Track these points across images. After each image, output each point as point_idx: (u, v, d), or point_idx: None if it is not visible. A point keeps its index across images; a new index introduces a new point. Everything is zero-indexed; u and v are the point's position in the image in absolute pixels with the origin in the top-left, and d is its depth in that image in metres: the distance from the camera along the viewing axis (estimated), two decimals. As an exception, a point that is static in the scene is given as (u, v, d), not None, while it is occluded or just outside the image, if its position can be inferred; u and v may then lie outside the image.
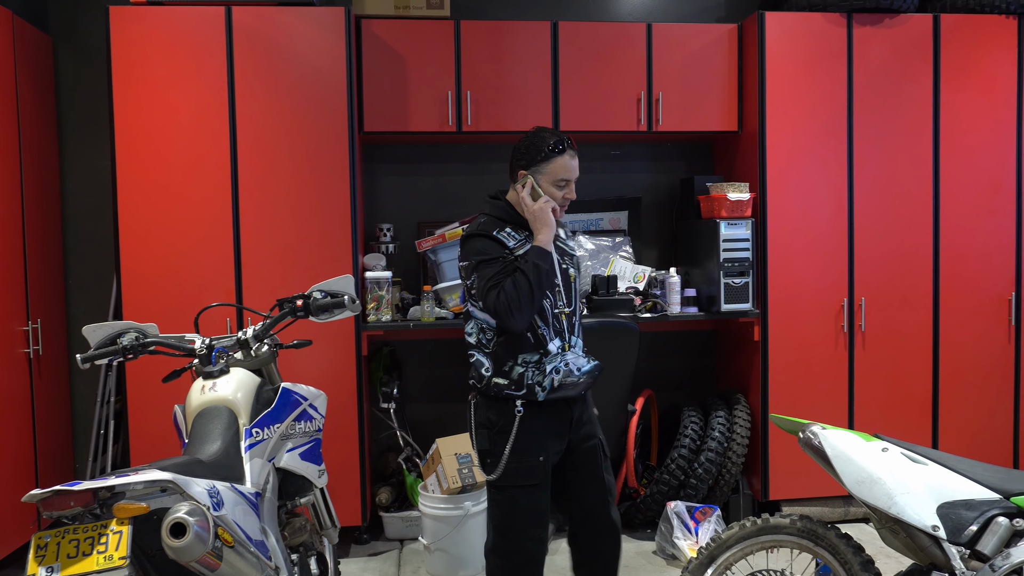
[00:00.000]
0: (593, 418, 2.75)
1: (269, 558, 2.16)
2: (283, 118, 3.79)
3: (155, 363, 2.80)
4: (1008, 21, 4.21)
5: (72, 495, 1.79)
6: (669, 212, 4.68)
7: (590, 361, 2.67)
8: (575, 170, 2.62)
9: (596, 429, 2.74)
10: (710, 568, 2.46)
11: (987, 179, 4.23)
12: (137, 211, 3.73)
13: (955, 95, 4.19)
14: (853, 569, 2.35)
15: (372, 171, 4.52)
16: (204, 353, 2.50)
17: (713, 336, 4.76)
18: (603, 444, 2.74)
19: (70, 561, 1.75)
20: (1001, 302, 4.27)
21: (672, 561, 3.81)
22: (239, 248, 3.79)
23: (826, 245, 4.13)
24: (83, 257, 4.37)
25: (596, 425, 2.75)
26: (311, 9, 3.80)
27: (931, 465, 2.29)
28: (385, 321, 4.03)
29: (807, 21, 4.10)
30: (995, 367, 4.28)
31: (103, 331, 2.55)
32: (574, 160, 2.61)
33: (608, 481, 2.73)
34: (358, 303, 2.68)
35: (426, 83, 4.07)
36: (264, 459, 2.38)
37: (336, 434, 3.74)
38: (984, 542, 2.18)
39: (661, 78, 4.20)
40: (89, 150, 4.35)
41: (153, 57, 3.71)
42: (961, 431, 4.24)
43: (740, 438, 4.12)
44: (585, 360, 2.65)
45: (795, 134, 4.10)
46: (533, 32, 4.14)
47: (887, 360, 4.19)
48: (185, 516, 1.78)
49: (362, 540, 4.08)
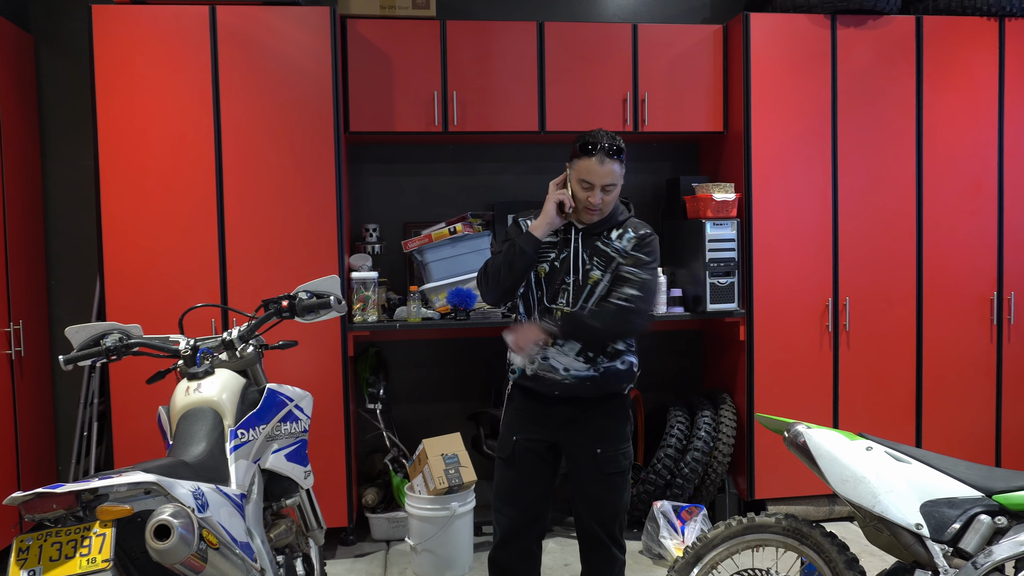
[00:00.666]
0: (598, 430, 2.68)
1: (255, 560, 2.15)
2: (268, 118, 3.77)
3: (139, 364, 2.78)
4: (989, 23, 4.24)
5: (55, 498, 1.77)
6: (655, 212, 4.69)
7: (592, 369, 2.64)
8: (602, 176, 2.57)
9: (598, 442, 2.67)
10: (696, 567, 2.46)
11: (969, 179, 4.27)
12: (121, 211, 3.70)
13: (938, 96, 4.22)
14: (838, 567, 2.36)
15: (358, 171, 4.51)
16: (189, 354, 2.48)
17: (699, 336, 4.78)
18: (604, 457, 2.67)
19: (52, 564, 1.74)
20: (983, 301, 4.31)
21: (658, 560, 3.82)
22: (224, 248, 3.77)
23: (811, 245, 4.16)
24: (66, 258, 4.34)
25: (602, 439, 2.67)
26: (296, 9, 3.79)
27: (914, 464, 2.30)
28: (371, 322, 4.02)
29: (791, 22, 4.12)
30: (977, 366, 4.32)
31: (86, 332, 2.53)
32: (603, 166, 2.57)
33: (596, 494, 2.69)
34: (344, 303, 2.67)
35: (412, 83, 4.07)
36: (249, 460, 2.37)
37: (322, 435, 3.72)
38: (967, 540, 2.20)
39: (647, 79, 4.21)
40: (72, 150, 4.31)
41: (137, 56, 3.69)
42: (944, 430, 4.28)
43: (726, 438, 4.14)
44: (582, 364, 2.64)
45: (780, 134, 4.12)
46: (519, 32, 4.14)
47: (871, 359, 4.22)
48: (169, 518, 1.77)
49: (348, 541, 4.06)
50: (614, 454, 2.69)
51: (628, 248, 2.67)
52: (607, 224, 2.69)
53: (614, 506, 2.72)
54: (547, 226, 2.64)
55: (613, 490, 2.70)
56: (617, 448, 2.70)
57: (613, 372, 2.66)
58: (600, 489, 2.70)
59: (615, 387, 2.69)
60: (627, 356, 2.70)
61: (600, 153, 2.57)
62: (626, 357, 2.69)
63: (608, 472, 2.68)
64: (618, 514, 2.74)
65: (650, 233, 2.71)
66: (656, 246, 2.71)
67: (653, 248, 2.70)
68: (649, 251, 2.68)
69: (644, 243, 2.68)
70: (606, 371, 2.65)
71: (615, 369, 2.67)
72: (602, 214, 2.66)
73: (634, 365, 2.73)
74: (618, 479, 2.71)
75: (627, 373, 2.70)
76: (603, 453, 2.68)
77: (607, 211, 2.67)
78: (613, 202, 2.66)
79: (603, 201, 2.61)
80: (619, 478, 2.71)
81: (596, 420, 2.69)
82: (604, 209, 2.65)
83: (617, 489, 2.71)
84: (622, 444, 2.72)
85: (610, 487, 2.70)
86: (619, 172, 2.61)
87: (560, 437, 2.71)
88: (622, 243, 2.67)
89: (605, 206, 2.63)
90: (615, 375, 2.67)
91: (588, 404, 2.68)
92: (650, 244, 2.69)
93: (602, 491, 2.70)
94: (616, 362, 2.67)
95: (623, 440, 2.72)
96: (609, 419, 2.70)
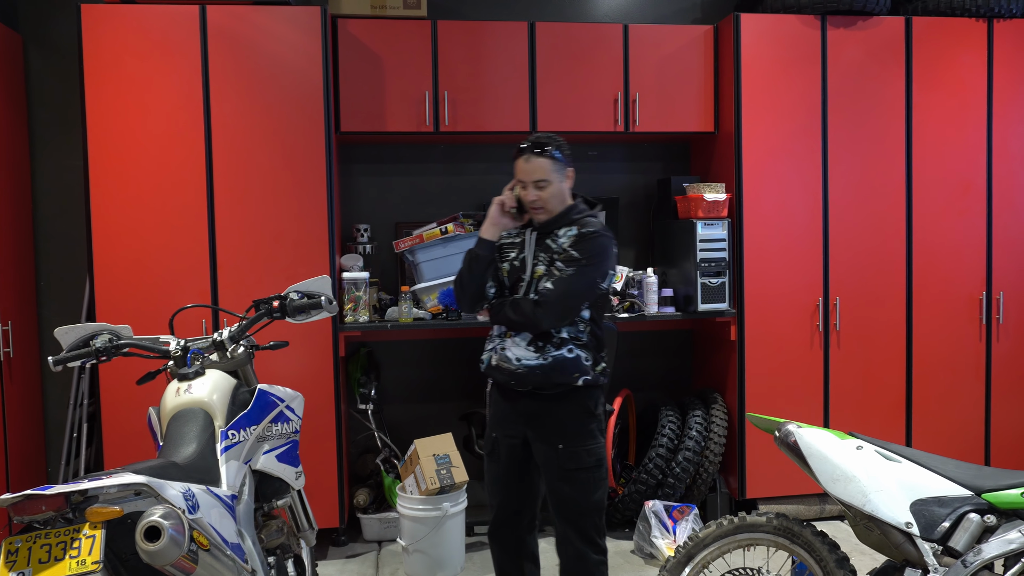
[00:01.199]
0: (559, 426, 2.70)
1: (245, 561, 2.15)
2: (259, 118, 3.76)
3: (129, 365, 2.77)
4: (978, 24, 4.27)
5: (44, 499, 1.76)
6: (646, 212, 4.70)
7: (541, 357, 2.67)
8: (528, 172, 2.71)
9: (560, 438, 2.69)
10: (688, 567, 2.47)
11: (958, 179, 4.29)
12: (110, 211, 3.69)
13: (927, 96, 4.24)
14: (828, 566, 2.37)
15: (349, 171, 4.50)
16: (179, 355, 2.48)
17: (690, 336, 4.79)
18: (565, 453, 2.68)
19: (42, 566, 1.73)
20: (972, 301, 4.33)
21: (650, 560, 3.82)
22: (214, 249, 3.76)
23: (801, 245, 4.17)
24: (55, 258, 4.31)
25: (563, 435, 2.69)
26: (287, 8, 3.78)
27: (904, 463, 2.31)
28: (363, 322, 4.01)
29: (782, 23, 4.13)
30: (967, 365, 4.34)
31: (76, 333, 2.51)
32: (529, 163, 2.70)
33: (559, 491, 2.70)
34: (335, 304, 2.67)
35: (403, 83, 4.06)
36: (240, 461, 2.36)
37: (313, 436, 3.71)
38: (956, 538, 2.21)
39: (638, 79, 4.22)
40: (61, 150, 4.29)
41: (126, 56, 3.67)
42: (934, 429, 4.30)
43: (717, 437, 4.15)
44: (532, 353, 2.68)
45: (770, 135, 4.13)
46: (510, 32, 4.14)
47: (861, 359, 4.23)
48: (160, 519, 1.77)
49: (340, 542, 4.06)
50: (576, 450, 2.69)
51: (566, 245, 2.71)
52: (559, 222, 2.75)
53: (577, 504, 2.71)
54: (492, 227, 2.79)
55: (576, 487, 2.69)
56: (580, 444, 2.69)
57: (561, 360, 2.67)
58: (563, 486, 2.71)
59: (565, 377, 2.67)
60: (573, 346, 2.69)
61: (525, 152, 2.71)
62: (573, 347, 2.68)
63: (569, 468, 2.69)
64: (585, 513, 2.71)
65: (594, 232, 2.70)
66: (598, 247, 2.69)
67: (591, 248, 2.68)
68: (584, 249, 2.67)
69: (582, 241, 2.69)
70: (554, 360, 2.67)
71: (563, 357, 2.67)
72: (549, 212, 2.74)
73: (583, 358, 2.69)
74: (582, 476, 2.69)
75: (575, 363, 2.68)
76: (564, 449, 2.69)
77: (551, 207, 2.73)
78: (554, 198, 2.72)
79: (539, 197, 2.70)
80: (583, 475, 2.69)
81: (557, 415, 2.71)
82: (546, 206, 2.72)
83: (581, 486, 2.70)
84: (587, 441, 2.70)
85: (573, 484, 2.70)
86: (550, 167, 2.69)
87: (528, 432, 2.76)
88: (563, 240, 2.72)
89: (544, 202, 2.71)
90: (563, 364, 2.67)
91: (549, 399, 2.70)
92: (588, 243, 2.68)
93: (565, 488, 2.71)
94: (563, 350, 2.67)
95: (588, 437, 2.71)
96: (570, 414, 2.71)
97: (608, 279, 2.73)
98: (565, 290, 2.64)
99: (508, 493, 2.84)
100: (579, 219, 2.75)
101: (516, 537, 2.87)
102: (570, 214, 2.76)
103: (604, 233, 2.72)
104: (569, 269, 2.66)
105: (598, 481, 2.72)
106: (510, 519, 2.86)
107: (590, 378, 2.71)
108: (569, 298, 2.65)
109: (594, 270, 2.68)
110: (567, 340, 2.69)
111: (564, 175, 2.74)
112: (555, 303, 2.64)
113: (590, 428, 2.73)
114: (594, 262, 2.68)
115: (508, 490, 2.84)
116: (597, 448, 2.73)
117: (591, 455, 2.71)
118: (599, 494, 2.73)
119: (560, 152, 2.72)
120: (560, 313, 2.66)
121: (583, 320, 2.71)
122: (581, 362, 2.69)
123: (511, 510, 2.84)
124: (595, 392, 2.76)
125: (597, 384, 2.74)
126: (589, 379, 2.70)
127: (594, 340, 2.74)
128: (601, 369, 2.76)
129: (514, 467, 2.80)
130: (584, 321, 2.72)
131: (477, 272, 2.77)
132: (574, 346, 2.69)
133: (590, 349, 2.73)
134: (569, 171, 2.76)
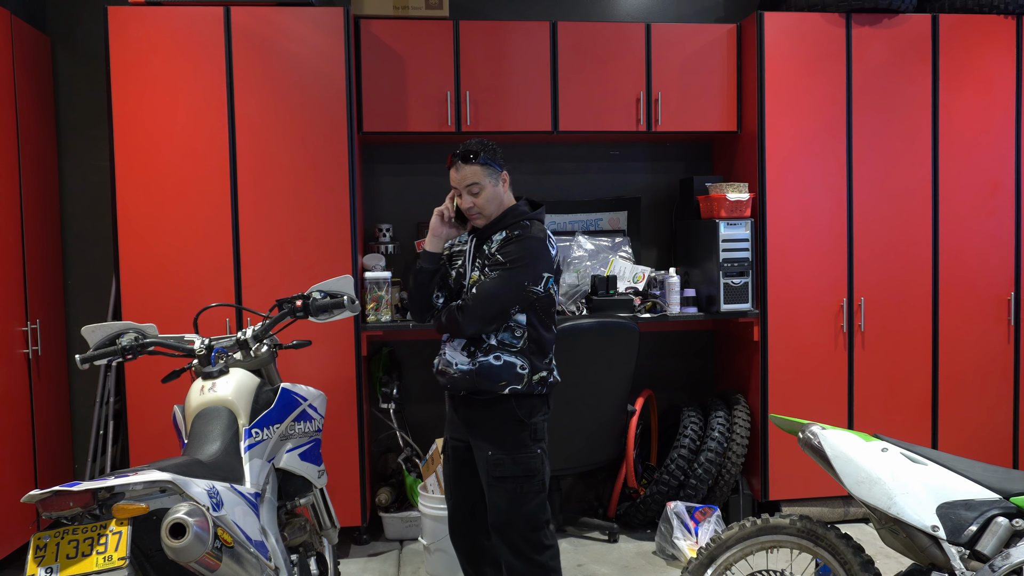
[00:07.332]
0: (490, 433, 2.67)
1: (269, 558, 2.16)
2: (282, 118, 3.79)
3: (154, 363, 2.80)
4: (1007, 21, 4.21)
5: (71, 496, 1.79)
6: (668, 212, 4.68)
7: (471, 363, 2.66)
8: (459, 179, 2.70)
9: (491, 445, 2.66)
10: (710, 568, 2.46)
11: (986, 179, 4.23)
12: (136, 211, 3.72)
13: (954, 95, 4.19)
14: (853, 569, 2.35)
15: (371, 171, 4.52)
16: (203, 353, 2.50)
17: (712, 336, 4.76)
18: (493, 461, 2.65)
19: (69, 562, 1.75)
20: (1000, 302, 4.27)
21: (672, 561, 3.81)
22: (238, 248, 3.78)
23: (825, 245, 4.13)
24: (82, 257, 4.37)
25: (493, 442, 2.66)
26: (310, 9, 3.80)
27: (930, 465, 2.29)
28: (384, 321, 4.02)
29: (806, 21, 4.10)
30: (994, 367, 4.28)
31: (102, 331, 2.55)
32: (459, 171, 2.70)
33: (488, 497, 2.70)
34: (357, 303, 2.68)
35: (425, 83, 4.07)
36: (263, 459, 2.38)
37: (336, 434, 3.73)
38: (984, 542, 2.18)
39: (660, 78, 4.20)
40: (88, 150, 4.34)
41: (152, 57, 3.71)
42: (960, 431, 4.24)
43: (740, 438, 4.12)
44: (465, 358, 2.67)
45: (794, 134, 4.10)
46: (532, 32, 4.13)
47: (887, 360, 4.19)
48: (185, 516, 1.78)
49: (362, 540, 4.07)
50: (502, 459, 2.65)
51: (493, 249, 2.70)
52: (497, 227, 2.73)
53: (502, 513, 2.66)
54: (434, 238, 2.77)
55: (502, 496, 2.65)
56: (507, 453, 2.65)
57: (487, 368, 2.64)
58: (491, 493, 2.69)
59: (491, 384, 2.63)
60: (502, 353, 2.64)
61: (456, 160, 2.71)
62: (502, 354, 2.64)
63: (495, 476, 2.66)
64: (511, 524, 2.66)
65: (519, 235, 2.66)
66: (523, 249, 2.64)
67: (515, 251, 2.64)
68: (507, 252, 2.64)
69: (507, 244, 2.67)
70: (480, 366, 2.65)
71: (489, 364, 2.64)
72: (486, 217, 2.72)
73: (516, 366, 2.64)
74: (508, 485, 2.65)
75: (503, 370, 2.63)
76: (492, 456, 2.66)
77: (488, 212, 2.71)
78: (489, 203, 2.69)
79: (475, 203, 2.69)
80: (509, 484, 2.64)
81: (490, 423, 2.68)
82: (483, 211, 2.70)
83: (507, 496, 2.65)
84: (515, 450, 2.65)
85: (499, 492, 2.66)
86: (481, 172, 2.67)
87: (468, 438, 2.77)
88: (494, 245, 2.72)
89: (480, 208, 2.69)
90: (488, 371, 2.63)
91: (482, 405, 2.69)
92: (513, 245, 2.65)
93: (492, 495, 2.68)
94: (489, 357, 2.65)
95: (517, 446, 2.65)
96: (499, 422, 2.66)
97: (544, 282, 2.66)
98: (486, 294, 2.61)
99: (459, 495, 2.85)
100: (513, 223, 2.71)
101: (473, 540, 2.87)
102: (506, 218, 2.72)
103: (533, 235, 2.66)
104: (493, 273, 2.63)
105: (529, 493, 2.66)
106: (466, 520, 2.86)
107: (520, 387, 2.63)
108: (490, 302, 2.61)
109: (520, 273, 2.62)
110: (496, 347, 2.65)
111: (498, 179, 2.70)
112: (474, 307, 2.61)
113: (519, 437, 2.66)
114: (519, 265, 2.62)
115: (459, 492, 2.85)
116: (526, 458, 2.66)
117: (518, 464, 2.65)
118: (531, 507, 2.66)
119: (490, 156, 2.69)
120: (481, 317, 2.62)
121: (519, 325, 2.66)
122: (514, 370, 2.63)
123: (465, 511, 2.86)
124: (527, 401, 2.67)
125: (531, 393, 2.67)
126: (519, 388, 2.63)
127: (534, 346, 2.68)
128: (539, 378, 2.68)
129: (461, 469, 2.82)
130: (521, 326, 2.66)
131: (421, 283, 2.76)
132: (504, 353, 2.64)
133: (527, 355, 2.66)
134: (503, 174, 2.72)
